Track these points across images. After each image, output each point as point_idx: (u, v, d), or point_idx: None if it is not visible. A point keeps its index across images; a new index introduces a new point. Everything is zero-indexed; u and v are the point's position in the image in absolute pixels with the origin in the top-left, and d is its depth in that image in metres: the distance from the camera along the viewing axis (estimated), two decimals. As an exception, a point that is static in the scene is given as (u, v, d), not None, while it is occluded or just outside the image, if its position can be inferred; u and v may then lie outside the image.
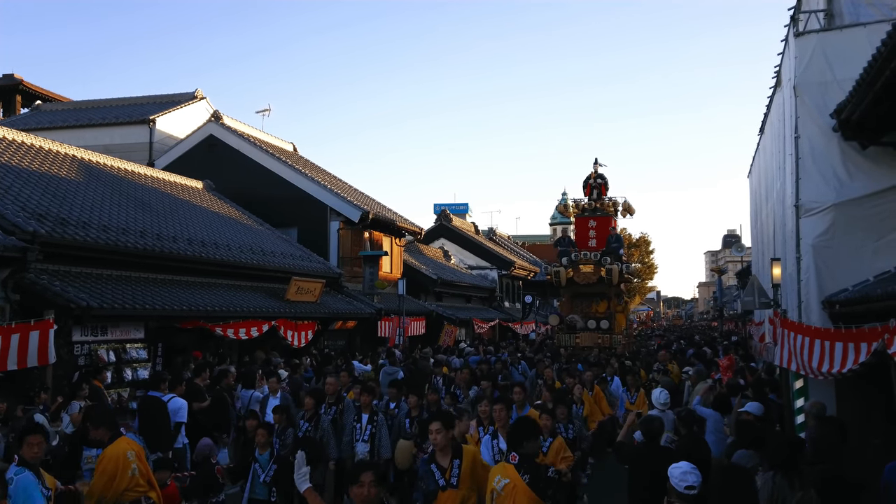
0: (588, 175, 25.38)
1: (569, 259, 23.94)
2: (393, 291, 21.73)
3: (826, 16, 10.12)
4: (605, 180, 25.17)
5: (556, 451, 6.88)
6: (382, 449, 8.13)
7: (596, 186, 25.05)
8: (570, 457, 6.87)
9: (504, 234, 48.45)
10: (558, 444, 6.99)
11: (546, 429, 7.09)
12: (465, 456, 5.55)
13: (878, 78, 6.88)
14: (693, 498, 4.52)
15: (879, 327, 6.35)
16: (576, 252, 24.04)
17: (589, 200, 25.15)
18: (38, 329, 9.32)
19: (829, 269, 9.02)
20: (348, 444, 8.24)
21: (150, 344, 12.44)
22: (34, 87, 30.01)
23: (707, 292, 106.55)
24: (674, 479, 4.56)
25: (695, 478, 4.55)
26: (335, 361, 15.16)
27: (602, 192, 25.06)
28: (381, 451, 8.12)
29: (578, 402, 10.53)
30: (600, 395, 11.38)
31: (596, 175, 25.19)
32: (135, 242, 13.28)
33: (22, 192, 12.52)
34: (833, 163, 9.15)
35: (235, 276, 16.31)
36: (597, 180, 25.10)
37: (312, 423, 8.08)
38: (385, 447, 8.15)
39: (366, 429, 8.26)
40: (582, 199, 25.44)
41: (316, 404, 8.28)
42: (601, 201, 24.95)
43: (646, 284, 68.87)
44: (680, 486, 4.52)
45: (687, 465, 4.67)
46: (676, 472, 4.58)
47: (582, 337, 22.68)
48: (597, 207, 24.93)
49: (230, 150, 23.09)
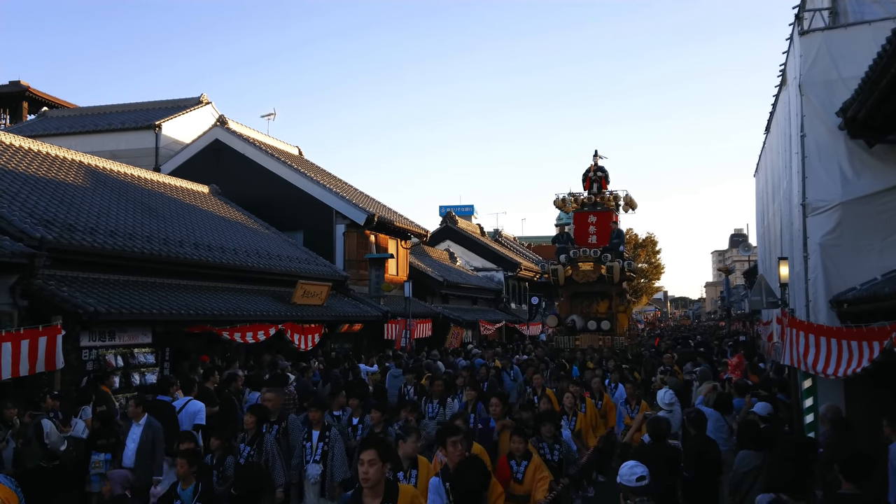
0: (587, 168, 23.93)
1: (567, 256, 22.53)
2: (399, 294, 21.74)
3: (831, 14, 10.10)
4: (605, 173, 23.76)
5: (532, 473, 6.16)
6: (336, 470, 7.20)
7: (596, 180, 23.62)
8: (546, 476, 6.14)
9: (510, 236, 48.43)
10: (534, 466, 6.21)
11: (517, 452, 6.26)
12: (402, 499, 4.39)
13: (883, 76, 6.87)
14: (645, 489, 4.56)
15: (888, 326, 6.33)
16: (575, 249, 22.61)
17: (589, 194, 23.68)
18: (46, 335, 9.36)
19: (836, 268, 9.00)
20: (298, 466, 7.40)
21: (157, 348, 12.47)
22: (40, 93, 30.19)
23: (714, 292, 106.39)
24: (624, 478, 4.61)
25: (642, 469, 4.59)
26: (342, 364, 15.20)
27: (602, 185, 23.65)
28: (334, 473, 7.20)
29: (570, 413, 9.13)
30: (610, 405, 10.40)
31: (596, 167, 23.77)
32: (142, 247, 13.32)
33: (29, 198, 12.58)
34: (839, 161, 9.14)
35: (242, 279, 16.35)
36: (597, 173, 23.69)
37: (255, 446, 7.05)
38: (339, 468, 7.20)
39: (317, 447, 7.31)
40: (581, 194, 23.85)
41: (258, 423, 7.24)
42: (601, 195, 23.56)
43: (653, 285, 68.74)
44: (631, 481, 4.56)
45: (632, 461, 4.72)
46: (625, 471, 4.64)
47: (582, 339, 21.42)
48: (597, 202, 23.51)
49: (236, 154, 23.15)
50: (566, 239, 23.46)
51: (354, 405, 8.44)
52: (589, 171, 23.75)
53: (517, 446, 6.26)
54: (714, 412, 8.57)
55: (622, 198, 23.54)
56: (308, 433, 7.47)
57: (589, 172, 23.75)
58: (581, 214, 23.68)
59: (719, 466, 6.88)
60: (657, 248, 63.95)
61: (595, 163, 23.75)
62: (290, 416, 7.84)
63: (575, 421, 8.96)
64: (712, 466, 6.70)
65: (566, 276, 22.41)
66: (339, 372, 14.16)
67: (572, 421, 8.93)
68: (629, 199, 23.61)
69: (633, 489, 4.54)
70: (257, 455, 6.93)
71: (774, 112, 14.18)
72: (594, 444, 9.08)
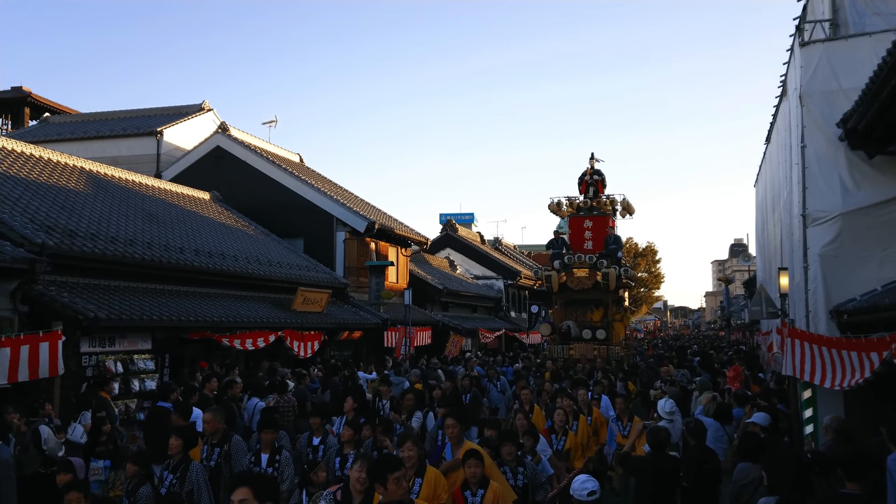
0: (584, 171, 22.74)
1: (561, 262, 21.39)
2: (399, 301, 21.74)
3: (831, 26, 10.14)
4: (602, 177, 22.66)
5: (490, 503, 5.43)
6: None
7: (592, 183, 22.44)
8: None
9: (510, 244, 48.42)
10: (493, 494, 5.44)
11: (473, 478, 5.45)
12: None
13: (883, 87, 6.90)
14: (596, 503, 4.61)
15: (888, 337, 6.33)
16: (569, 254, 21.50)
17: (584, 198, 22.45)
18: (46, 340, 9.35)
19: (836, 279, 9.01)
20: None
21: (157, 355, 12.46)
22: (42, 99, 30.25)
23: (714, 301, 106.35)
24: (576, 493, 4.63)
25: (593, 484, 4.61)
26: (341, 372, 15.18)
27: (599, 189, 22.46)
28: None
29: (560, 432, 8.13)
30: (601, 421, 9.40)
31: (592, 171, 22.64)
32: (142, 253, 13.33)
33: (30, 204, 12.59)
34: (840, 172, 9.16)
35: (242, 286, 16.35)
36: (593, 176, 22.53)
37: (179, 474, 6.05)
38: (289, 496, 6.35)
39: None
40: (577, 198, 22.62)
41: (184, 447, 6.11)
42: (598, 199, 22.34)
43: (652, 294, 68.74)
44: (583, 496, 4.57)
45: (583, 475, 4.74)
46: (576, 485, 4.65)
47: (576, 348, 20.15)
48: (593, 206, 22.27)
49: (237, 161, 23.20)
50: (561, 244, 22.45)
51: (316, 423, 7.47)
52: (585, 175, 22.72)
53: (472, 471, 5.40)
54: (714, 422, 8.57)
55: (619, 202, 22.60)
56: (256, 456, 6.61)
57: (585, 176, 22.70)
58: (576, 219, 22.62)
59: (719, 477, 6.87)
60: (657, 257, 64.06)
61: (591, 166, 22.83)
62: (234, 438, 6.90)
63: (565, 440, 8.08)
64: (712, 477, 6.68)
65: (560, 282, 21.32)
66: (339, 379, 14.15)
67: (561, 440, 8.06)
68: (626, 203, 22.68)
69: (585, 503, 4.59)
70: (180, 485, 6.00)
71: (775, 122, 14.23)
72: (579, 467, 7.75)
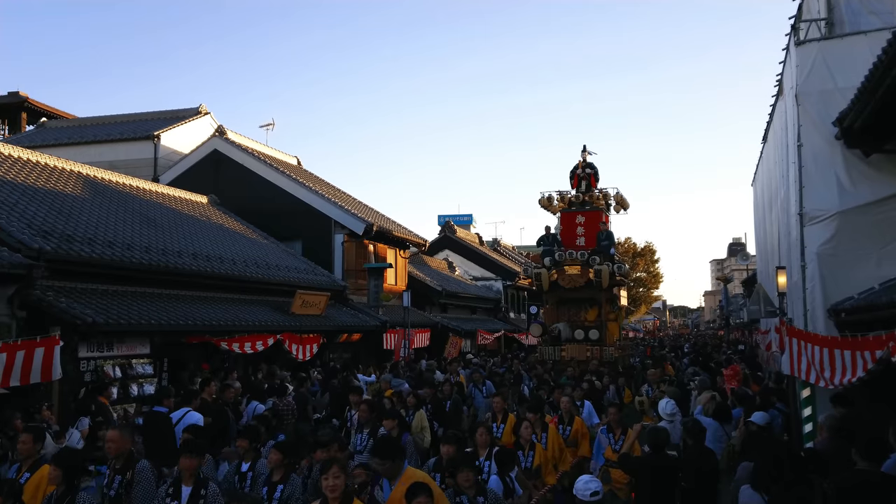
0: (575, 164, 21.62)
1: (552, 259, 20.18)
2: (398, 303, 21.73)
3: (827, 24, 10.14)
4: (594, 170, 21.60)
5: None
6: None
7: (584, 177, 21.41)
8: None
9: (508, 245, 48.44)
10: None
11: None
12: None
13: (879, 86, 6.90)
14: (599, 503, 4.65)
15: (884, 335, 6.33)
16: (561, 251, 20.26)
17: (577, 193, 21.41)
18: (43, 345, 9.30)
19: (834, 277, 9.01)
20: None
21: (155, 359, 12.46)
22: (39, 104, 30.26)
23: (713, 301, 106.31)
24: (579, 493, 4.64)
25: (596, 484, 4.62)
26: (340, 375, 15.16)
27: (592, 183, 21.46)
28: None
29: (527, 447, 7.25)
30: (582, 432, 8.66)
31: (584, 164, 21.55)
32: (140, 258, 13.32)
33: (27, 208, 12.59)
34: (836, 171, 9.16)
35: (241, 290, 16.35)
36: (585, 170, 21.48)
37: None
38: None
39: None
40: (568, 192, 21.53)
41: (67, 475, 5.05)
42: (590, 193, 21.32)
43: (651, 294, 68.80)
44: (586, 496, 4.58)
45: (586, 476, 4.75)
46: (580, 485, 4.66)
47: (568, 349, 19.14)
48: (585, 200, 21.23)
49: (234, 164, 23.19)
50: (552, 241, 21.06)
51: (244, 447, 6.58)
52: (577, 168, 21.62)
53: (421, 500, 4.43)
54: (713, 422, 8.56)
55: (613, 196, 21.68)
56: (175, 489, 5.30)
57: (577, 169, 21.62)
58: (568, 214, 21.51)
59: (717, 476, 6.87)
60: (655, 257, 64.13)
61: (584, 159, 21.71)
62: (139, 464, 5.77)
63: (532, 455, 7.17)
64: (711, 477, 6.68)
65: (551, 280, 20.10)
66: (338, 382, 14.13)
67: (529, 456, 7.15)
68: (620, 197, 21.79)
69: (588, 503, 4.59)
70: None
71: (771, 122, 14.23)
72: (552, 483, 6.94)
